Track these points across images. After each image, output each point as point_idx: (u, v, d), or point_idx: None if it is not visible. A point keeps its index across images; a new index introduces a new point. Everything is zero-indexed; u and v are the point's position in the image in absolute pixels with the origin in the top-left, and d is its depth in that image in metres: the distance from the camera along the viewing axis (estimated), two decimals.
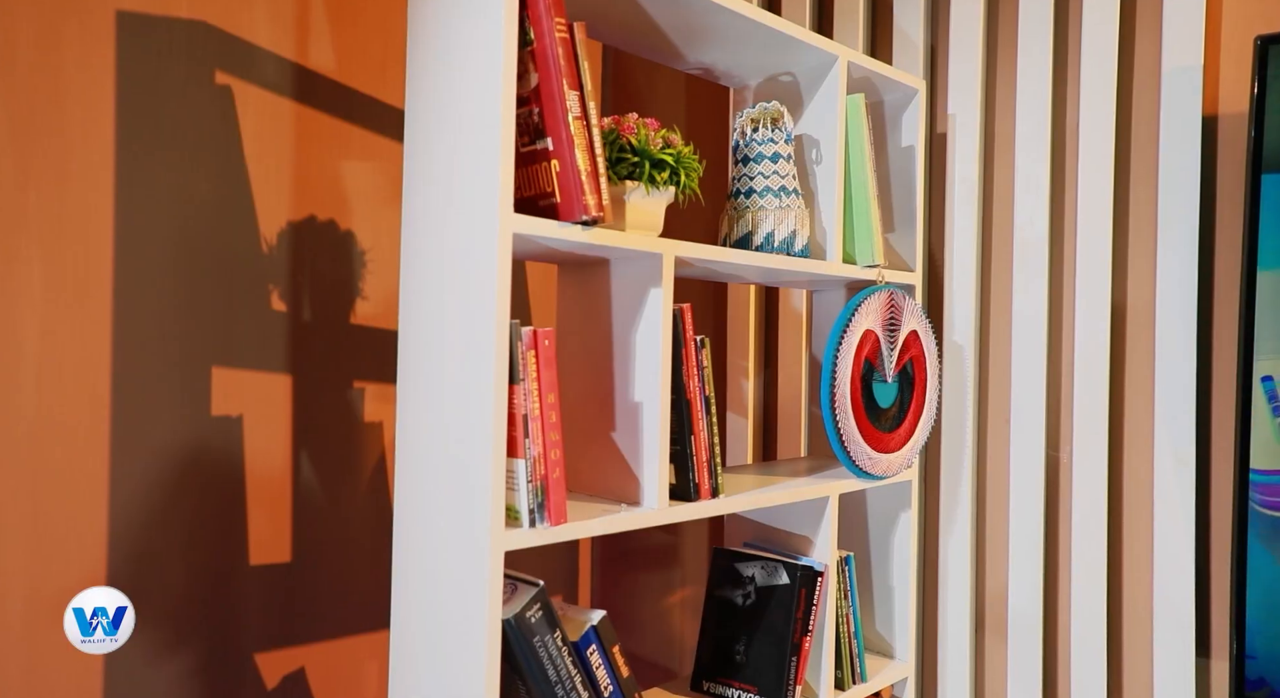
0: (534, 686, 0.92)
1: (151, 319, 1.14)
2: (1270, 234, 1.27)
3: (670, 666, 1.54)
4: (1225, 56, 1.38)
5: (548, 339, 0.93)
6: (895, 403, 1.36)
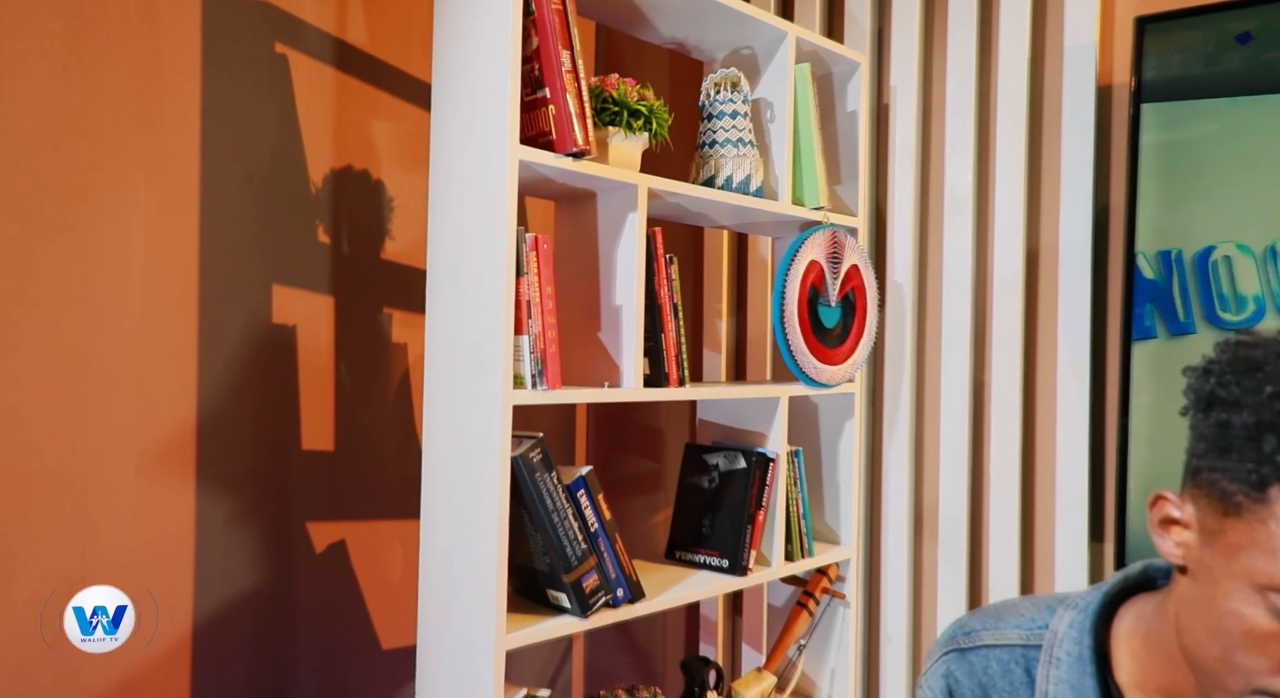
0: (535, 514, 1.18)
1: (226, 241, 1.40)
2: (1148, 185, 1.53)
3: (648, 547, 1.79)
4: (1115, 35, 1.64)
5: (546, 243, 1.19)
6: (839, 324, 1.62)
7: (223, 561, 1.39)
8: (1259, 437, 0.57)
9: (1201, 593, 0.63)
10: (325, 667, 1.53)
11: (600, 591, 1.24)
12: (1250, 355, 0.60)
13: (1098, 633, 0.74)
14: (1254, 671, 0.59)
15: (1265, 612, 0.58)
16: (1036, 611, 0.79)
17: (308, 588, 1.51)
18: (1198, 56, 1.48)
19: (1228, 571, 0.60)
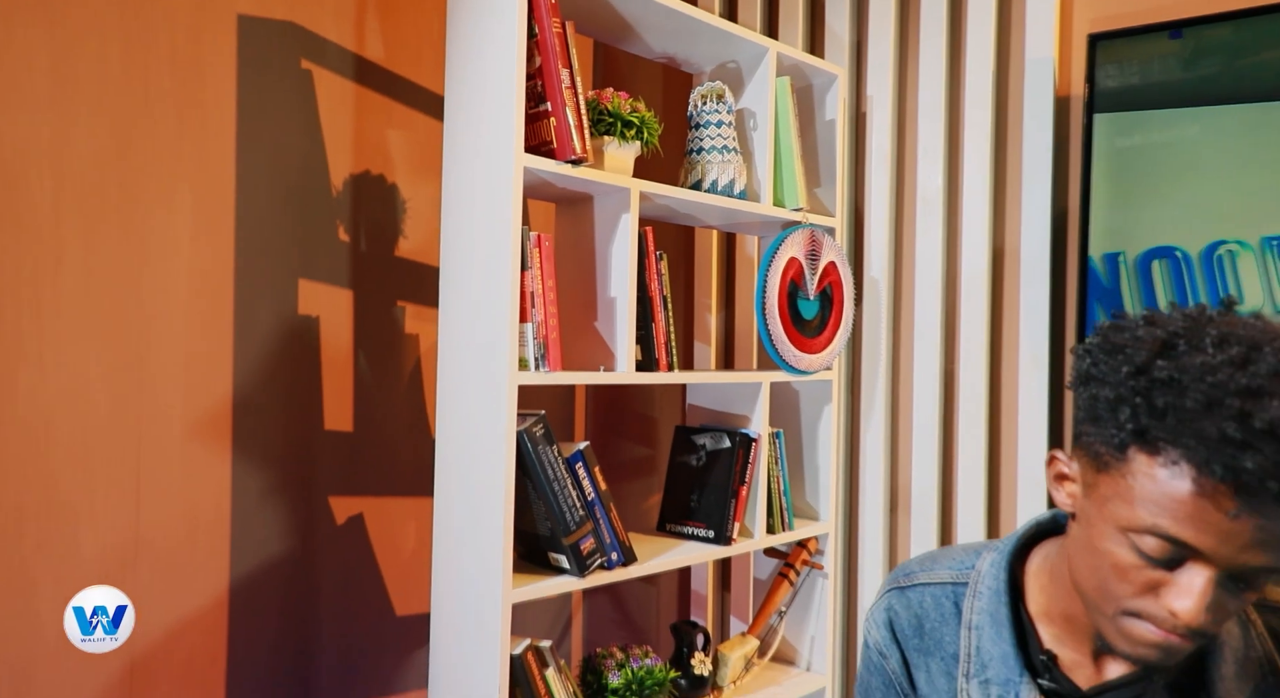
0: (538, 483, 1.32)
1: (259, 240, 1.54)
2: (1100, 188, 1.67)
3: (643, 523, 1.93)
4: (1072, 50, 1.78)
5: (548, 241, 1.33)
6: (817, 316, 1.76)
7: (255, 527, 1.54)
8: (1118, 408, 0.70)
9: (1084, 535, 0.76)
10: (345, 629, 1.67)
11: (596, 553, 1.38)
12: (1115, 339, 0.73)
13: (1013, 570, 0.88)
14: (1121, 596, 0.72)
15: (1128, 549, 0.71)
16: (965, 555, 0.93)
17: (329, 556, 1.65)
18: (1145, 71, 1.62)
19: (1100, 516, 0.73)
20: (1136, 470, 0.68)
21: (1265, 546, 0.64)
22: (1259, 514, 0.63)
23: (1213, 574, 0.67)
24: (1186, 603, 0.67)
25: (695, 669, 1.63)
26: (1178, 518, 0.65)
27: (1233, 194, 1.54)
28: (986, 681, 0.84)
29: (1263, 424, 0.61)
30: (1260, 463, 0.60)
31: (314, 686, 1.63)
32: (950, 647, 0.88)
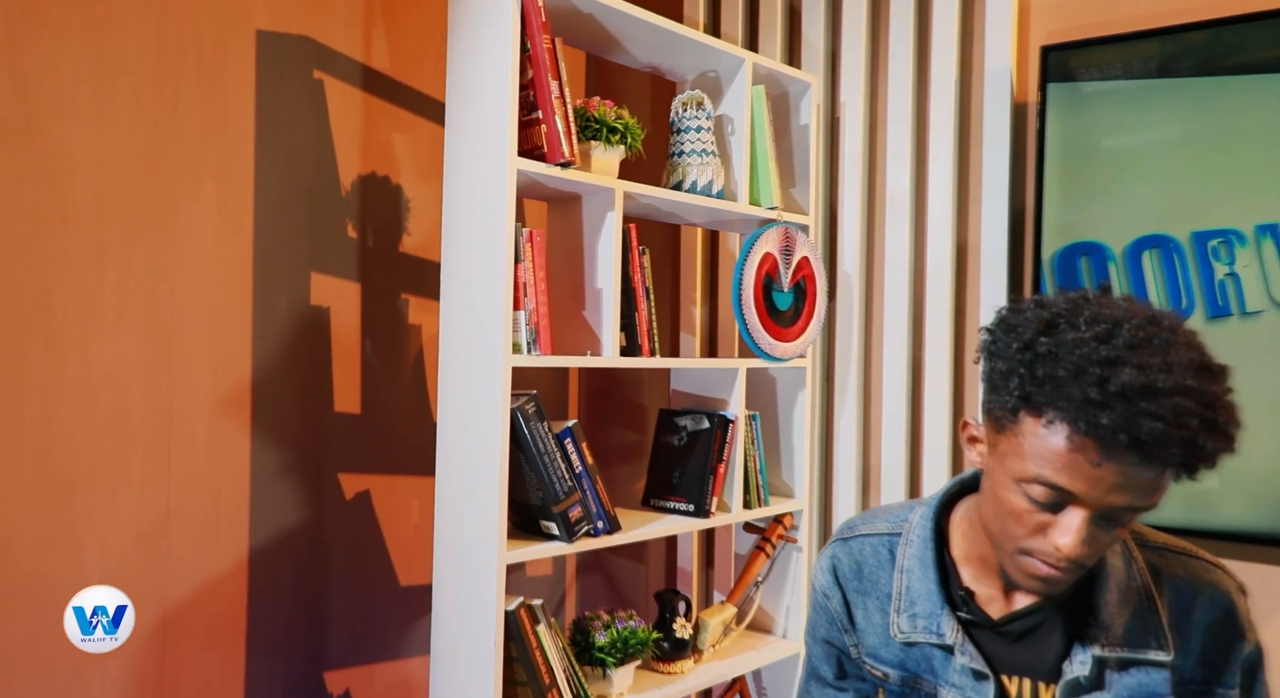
0: (530, 455, 1.46)
1: (275, 234, 1.68)
2: (1052, 187, 1.80)
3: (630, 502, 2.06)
4: (1028, 60, 1.91)
5: (539, 237, 1.47)
6: (791, 307, 1.90)
7: (271, 500, 1.67)
8: (1009, 378, 0.83)
9: (989, 487, 0.89)
10: (354, 597, 1.81)
11: (583, 521, 1.52)
12: (1009, 319, 0.87)
13: (939, 521, 1.01)
14: (1018, 536, 0.85)
15: (1021, 497, 0.84)
16: (900, 509, 1.07)
17: (339, 529, 1.79)
18: (1091, 83, 1.75)
19: (1000, 470, 0.86)
20: (1024, 430, 0.82)
21: (1124, 489, 0.77)
22: (1117, 462, 0.76)
23: (1087, 514, 0.80)
24: (1067, 539, 0.81)
25: (677, 633, 1.77)
26: (1057, 468, 0.79)
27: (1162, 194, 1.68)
28: (914, 615, 0.98)
29: (1116, 388, 0.74)
30: (1113, 420, 0.74)
31: (326, 648, 1.77)
32: (885, 587, 1.01)
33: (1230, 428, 0.74)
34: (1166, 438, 0.72)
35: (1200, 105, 1.66)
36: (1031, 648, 0.93)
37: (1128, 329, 0.77)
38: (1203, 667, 0.91)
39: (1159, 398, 0.72)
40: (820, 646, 1.07)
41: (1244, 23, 1.62)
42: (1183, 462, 0.74)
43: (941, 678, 0.95)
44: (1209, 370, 0.75)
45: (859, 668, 1.03)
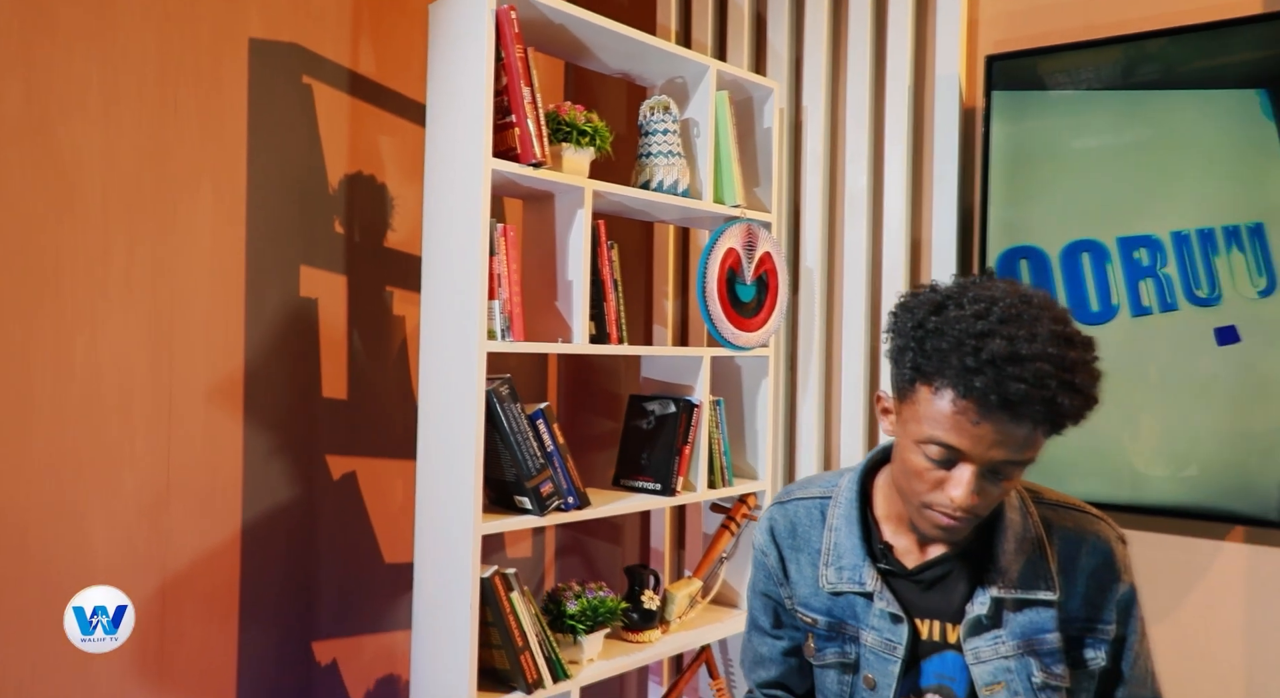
0: (504, 434, 1.57)
1: (266, 229, 1.79)
2: (997, 188, 1.93)
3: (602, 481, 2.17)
4: (976, 68, 2.04)
5: (512, 231, 1.58)
6: (754, 300, 2.02)
7: (263, 479, 1.78)
8: (905, 353, 0.95)
9: (897, 451, 1.01)
10: (341, 572, 1.92)
11: (554, 496, 1.63)
12: (908, 303, 0.99)
13: (864, 483, 1.13)
14: (920, 492, 0.97)
15: (921, 457, 0.96)
16: (833, 476, 1.19)
17: (327, 508, 1.90)
18: (1032, 91, 1.88)
19: (904, 434, 0.98)
20: (919, 398, 0.94)
21: (1002, 444, 0.90)
22: (992, 421, 0.88)
23: (975, 469, 0.92)
24: (959, 491, 0.93)
25: (645, 604, 1.88)
26: (946, 429, 0.91)
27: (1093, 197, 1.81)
28: (841, 567, 1.10)
29: (987, 356, 0.86)
30: (985, 383, 0.86)
31: (315, 620, 1.88)
32: (816, 544, 1.13)
33: (1088, 389, 0.87)
34: (1029, 397, 0.84)
35: (1126, 116, 1.79)
36: (941, 593, 1.05)
37: (1000, 306, 0.89)
38: (1085, 606, 1.03)
39: (1023, 363, 0.84)
40: (759, 599, 1.19)
41: (1163, 37, 1.75)
42: (1046, 418, 0.86)
43: (863, 622, 1.07)
44: (1069, 340, 0.87)
45: (793, 618, 1.15)
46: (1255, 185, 1.67)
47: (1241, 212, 1.68)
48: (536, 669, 1.59)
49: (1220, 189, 1.70)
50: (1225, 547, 1.81)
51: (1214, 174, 1.70)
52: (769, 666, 1.18)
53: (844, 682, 1.08)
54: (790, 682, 1.18)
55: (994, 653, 1.02)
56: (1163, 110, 1.75)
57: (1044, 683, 1.01)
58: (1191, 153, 1.72)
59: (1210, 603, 1.82)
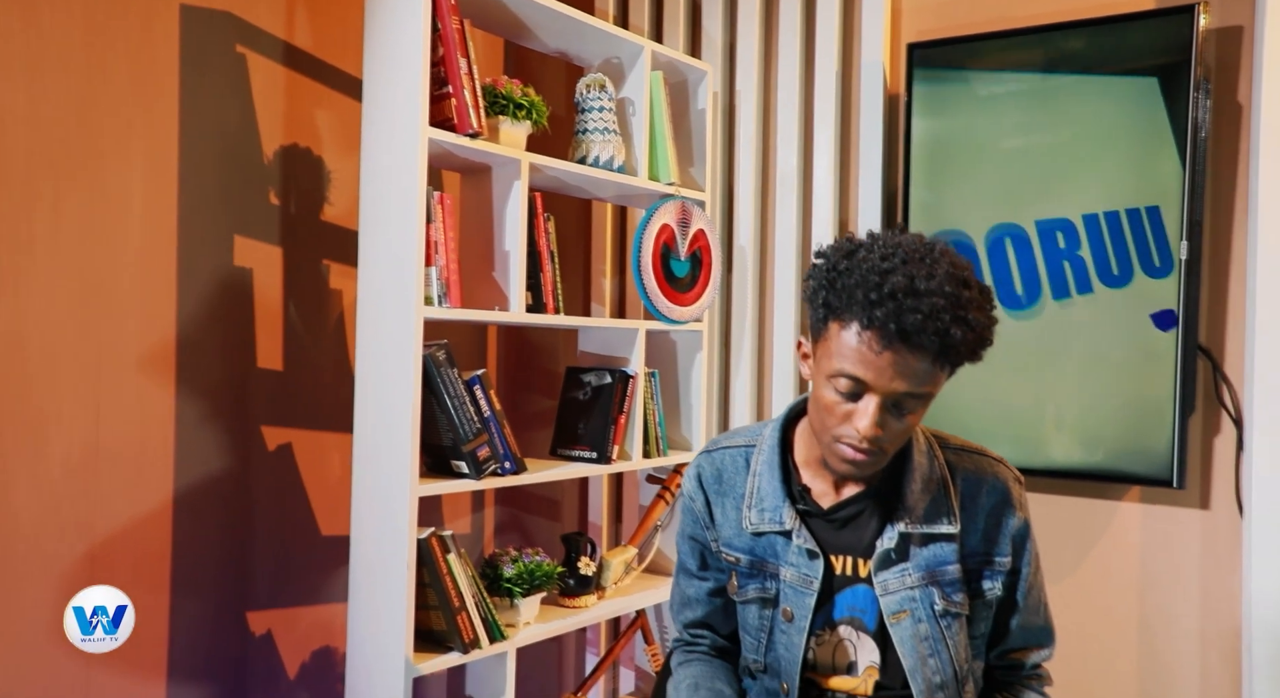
0: (440, 398, 1.60)
1: (199, 196, 1.77)
2: (918, 172, 2.02)
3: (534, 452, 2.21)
4: (899, 55, 2.14)
5: (449, 199, 1.61)
6: (688, 275, 2.08)
7: (196, 447, 1.77)
8: (819, 294, 1.02)
9: (813, 391, 1.08)
10: (278, 544, 1.92)
11: (491, 460, 1.66)
12: (824, 252, 1.06)
13: (785, 431, 1.20)
14: (831, 426, 1.04)
15: (831, 391, 1.03)
16: (756, 427, 1.25)
17: (263, 479, 1.89)
18: (952, 79, 1.98)
19: (818, 372, 1.05)
20: (831, 335, 1.01)
21: (902, 376, 0.97)
22: (891, 350, 0.96)
23: (879, 400, 0.99)
24: (864, 421, 1.00)
25: (582, 570, 1.93)
26: (852, 361, 0.98)
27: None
28: (763, 509, 1.16)
29: (888, 289, 0.94)
30: (885, 313, 0.93)
31: (250, 590, 1.87)
32: (740, 489, 1.19)
33: (979, 326, 0.95)
34: (924, 328, 0.92)
35: (1038, 102, 1.90)
36: (854, 531, 1.13)
37: (904, 250, 0.97)
38: (984, 541, 1.12)
39: (919, 297, 0.92)
40: (687, 542, 1.24)
41: (1071, 29, 1.87)
42: (939, 349, 0.94)
43: (782, 559, 1.14)
44: (965, 282, 0.96)
45: (718, 560, 1.21)
46: (1151, 169, 1.79)
47: (1141, 195, 1.81)
48: (473, 630, 1.63)
49: (1122, 173, 1.82)
50: (1122, 507, 1.94)
51: (1117, 158, 1.83)
52: (695, 606, 1.24)
53: (764, 616, 1.15)
54: (715, 621, 1.24)
55: (901, 584, 1.09)
56: (1072, 97, 1.86)
57: (944, 610, 1.09)
58: (1098, 138, 1.84)
59: (1108, 560, 1.95)
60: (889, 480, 1.13)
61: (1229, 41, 1.82)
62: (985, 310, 0.97)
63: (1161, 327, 1.79)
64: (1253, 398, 1.73)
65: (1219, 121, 1.82)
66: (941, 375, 0.98)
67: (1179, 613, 1.88)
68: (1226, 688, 1.82)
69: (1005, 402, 1.93)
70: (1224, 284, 1.83)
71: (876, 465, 1.06)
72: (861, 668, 1.12)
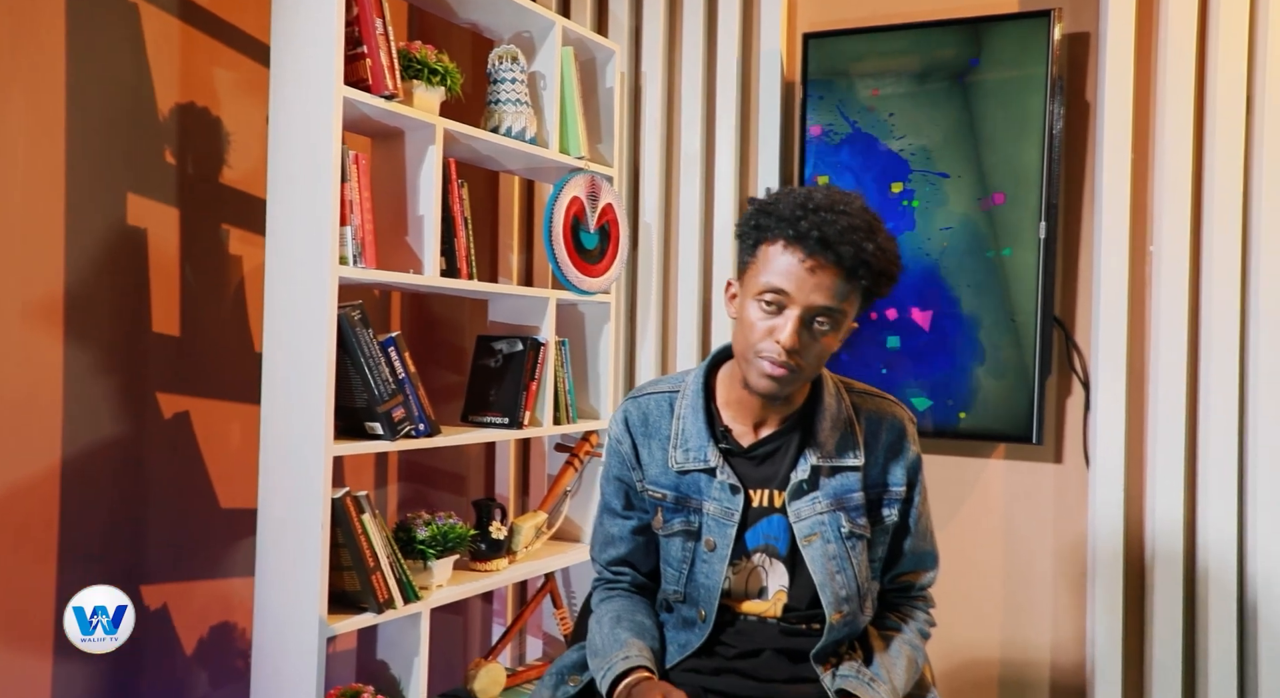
0: (355, 359, 1.59)
1: (89, 150, 1.68)
2: (813, 156, 2.16)
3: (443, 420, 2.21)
4: (795, 45, 2.27)
5: (364, 159, 1.61)
6: (597, 247, 2.14)
7: (86, 408, 1.69)
8: (751, 221, 1.14)
9: (738, 320, 1.17)
10: (174, 513, 1.85)
11: (406, 421, 1.67)
12: (755, 199, 1.16)
13: (707, 377, 1.28)
14: (754, 341, 1.14)
15: (757, 308, 1.13)
16: (678, 375, 1.33)
17: (157, 446, 1.82)
18: (841, 68, 2.13)
19: (745, 293, 1.15)
20: (760, 255, 1.12)
21: (820, 289, 1.09)
22: (813, 259, 1.07)
23: (799, 313, 1.10)
24: (785, 333, 1.10)
25: (493, 535, 1.95)
26: (779, 274, 1.09)
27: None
28: (687, 449, 1.24)
29: (812, 206, 1.07)
30: (809, 224, 1.06)
31: (143, 562, 1.79)
32: (665, 431, 1.27)
33: (888, 248, 1.10)
34: (843, 238, 1.06)
35: (920, 91, 2.07)
36: (770, 466, 1.22)
37: (825, 189, 1.12)
38: (883, 472, 1.24)
39: (839, 214, 1.07)
40: (612, 484, 1.31)
41: (945, 26, 2.05)
42: (853, 259, 1.07)
43: (705, 495, 1.22)
44: (876, 217, 1.12)
45: (642, 499, 1.28)
46: (1018, 160, 1.99)
47: (1009, 183, 2.00)
48: (388, 590, 1.63)
49: (996, 163, 2.01)
50: (990, 463, 2.15)
51: (991, 152, 2.02)
52: (618, 544, 1.30)
53: (687, 548, 1.23)
54: (635, 559, 1.31)
55: (811, 511, 1.20)
56: (939, 89, 2.04)
57: (850, 532, 1.20)
58: (970, 134, 2.03)
59: (977, 513, 2.15)
60: (802, 420, 1.23)
61: (1079, 46, 2.05)
62: (893, 243, 1.11)
63: (1025, 300, 1.99)
64: (1098, 363, 1.96)
65: (1071, 117, 2.04)
66: (854, 295, 1.11)
67: (1036, 556, 2.09)
68: (1074, 618, 2.05)
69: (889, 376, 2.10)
70: (1075, 261, 2.06)
71: (793, 385, 1.15)
72: (772, 592, 1.22)
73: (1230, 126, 1.83)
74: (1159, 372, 1.90)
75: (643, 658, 1.17)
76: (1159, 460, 1.89)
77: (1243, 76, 1.82)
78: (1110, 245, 1.93)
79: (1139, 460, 1.95)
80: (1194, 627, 1.87)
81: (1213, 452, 1.84)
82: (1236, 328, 1.83)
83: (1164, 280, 1.89)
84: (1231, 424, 1.83)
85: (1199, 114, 1.88)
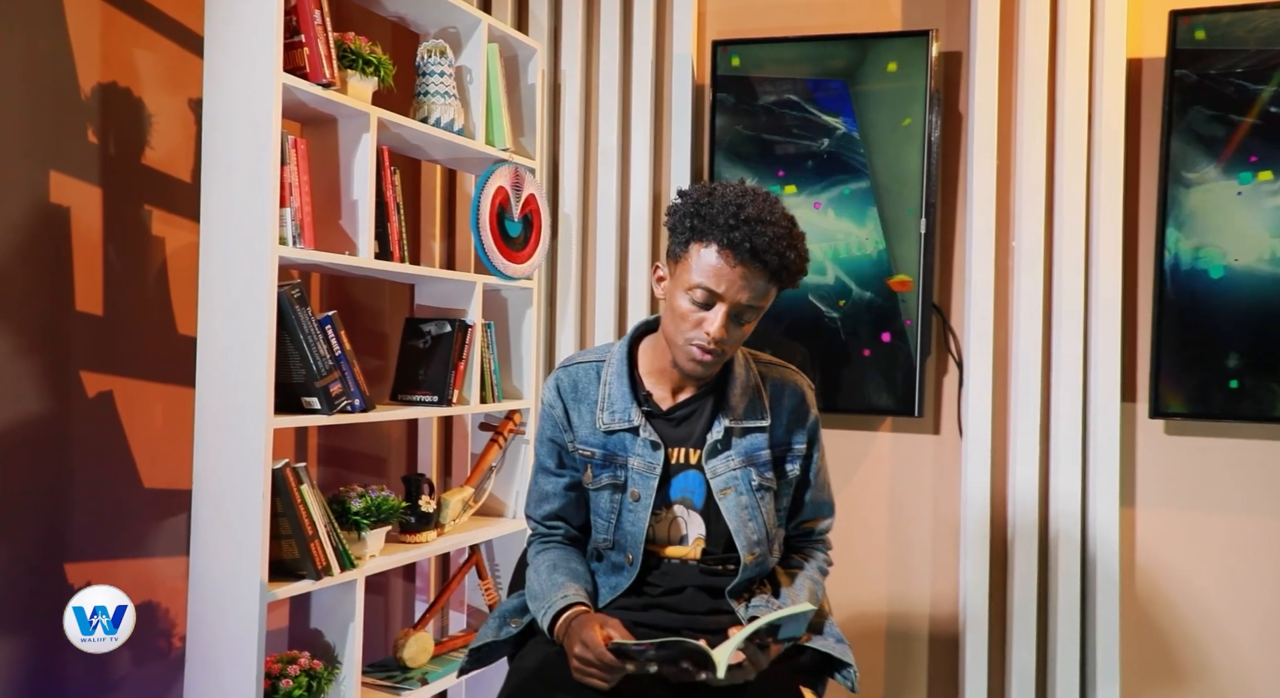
0: (294, 335, 1.66)
1: (6, 123, 1.68)
2: (720, 155, 2.34)
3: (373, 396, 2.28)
4: (705, 50, 2.45)
5: (302, 143, 1.67)
6: (521, 235, 2.25)
7: (8, 385, 1.68)
8: (683, 221, 1.27)
9: (668, 306, 1.32)
10: (99, 492, 1.85)
11: (343, 396, 1.75)
12: (687, 192, 1.31)
13: (631, 346, 1.43)
14: (684, 330, 1.29)
15: (688, 302, 1.27)
16: (604, 347, 1.47)
17: (80, 424, 1.82)
18: (747, 72, 2.32)
19: (675, 286, 1.30)
20: (691, 254, 1.26)
21: (747, 290, 1.24)
22: (744, 265, 1.22)
23: (726, 309, 1.25)
24: (713, 326, 1.25)
25: (422, 508, 2.04)
26: (708, 275, 1.24)
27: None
28: (614, 411, 1.38)
29: (744, 217, 1.21)
30: (741, 234, 1.21)
31: (68, 540, 1.79)
32: (593, 397, 1.40)
33: (804, 254, 1.27)
34: (770, 248, 1.21)
35: (818, 96, 2.28)
36: (688, 427, 1.38)
37: (751, 192, 1.27)
38: (786, 433, 1.41)
39: (767, 225, 1.21)
40: (546, 445, 1.44)
41: (838, 40, 2.26)
42: (777, 266, 1.23)
43: (630, 451, 1.37)
44: (793, 221, 1.27)
45: (573, 459, 1.41)
46: (903, 163, 2.22)
47: (895, 184, 2.23)
48: (325, 557, 1.70)
49: (887, 166, 2.24)
50: (878, 436, 2.39)
51: (882, 157, 2.24)
52: (552, 500, 1.44)
53: (614, 500, 1.37)
54: (568, 514, 1.44)
55: (725, 468, 1.36)
56: (839, 95, 2.26)
57: (759, 485, 1.37)
58: (861, 140, 2.25)
59: (867, 479, 2.39)
60: (715, 387, 1.39)
61: (953, 64, 2.31)
62: (804, 243, 1.27)
63: (907, 289, 2.23)
64: (969, 345, 2.22)
65: (947, 126, 2.30)
66: (772, 291, 1.27)
67: (916, 517, 2.35)
68: (949, 571, 2.31)
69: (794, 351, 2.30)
70: (950, 254, 2.32)
71: (716, 366, 1.32)
72: (691, 539, 1.38)
73: (1075, 137, 2.12)
74: (1019, 352, 2.17)
75: (580, 596, 1.31)
76: (1019, 432, 2.16)
77: (1084, 96, 2.11)
78: (979, 240, 2.20)
79: (1004, 432, 2.22)
80: (1046, 579, 2.16)
81: (1062, 425, 2.13)
82: (1081, 313, 2.12)
83: (1023, 271, 2.16)
84: (1077, 400, 2.12)
85: (1050, 124, 2.16)
